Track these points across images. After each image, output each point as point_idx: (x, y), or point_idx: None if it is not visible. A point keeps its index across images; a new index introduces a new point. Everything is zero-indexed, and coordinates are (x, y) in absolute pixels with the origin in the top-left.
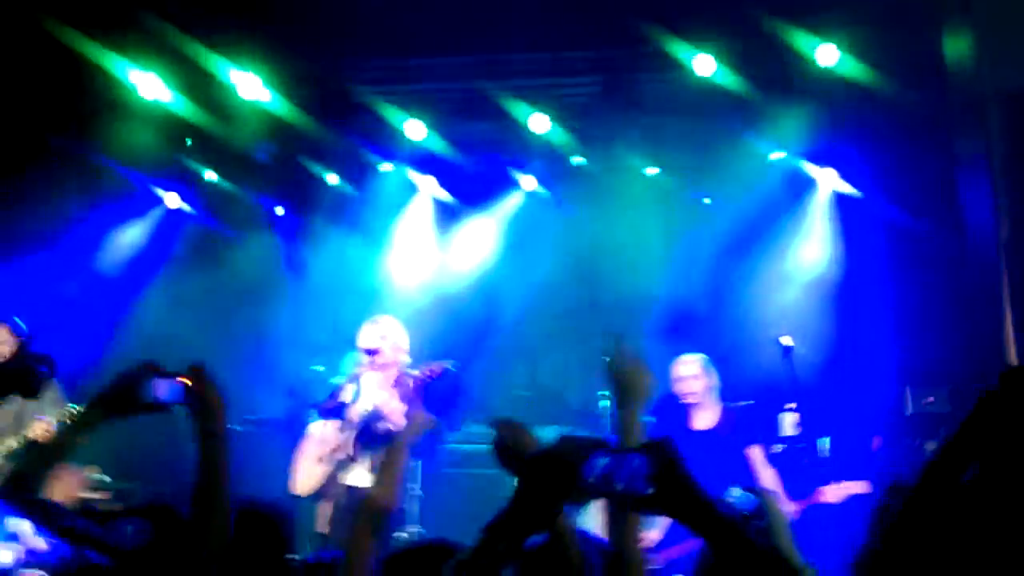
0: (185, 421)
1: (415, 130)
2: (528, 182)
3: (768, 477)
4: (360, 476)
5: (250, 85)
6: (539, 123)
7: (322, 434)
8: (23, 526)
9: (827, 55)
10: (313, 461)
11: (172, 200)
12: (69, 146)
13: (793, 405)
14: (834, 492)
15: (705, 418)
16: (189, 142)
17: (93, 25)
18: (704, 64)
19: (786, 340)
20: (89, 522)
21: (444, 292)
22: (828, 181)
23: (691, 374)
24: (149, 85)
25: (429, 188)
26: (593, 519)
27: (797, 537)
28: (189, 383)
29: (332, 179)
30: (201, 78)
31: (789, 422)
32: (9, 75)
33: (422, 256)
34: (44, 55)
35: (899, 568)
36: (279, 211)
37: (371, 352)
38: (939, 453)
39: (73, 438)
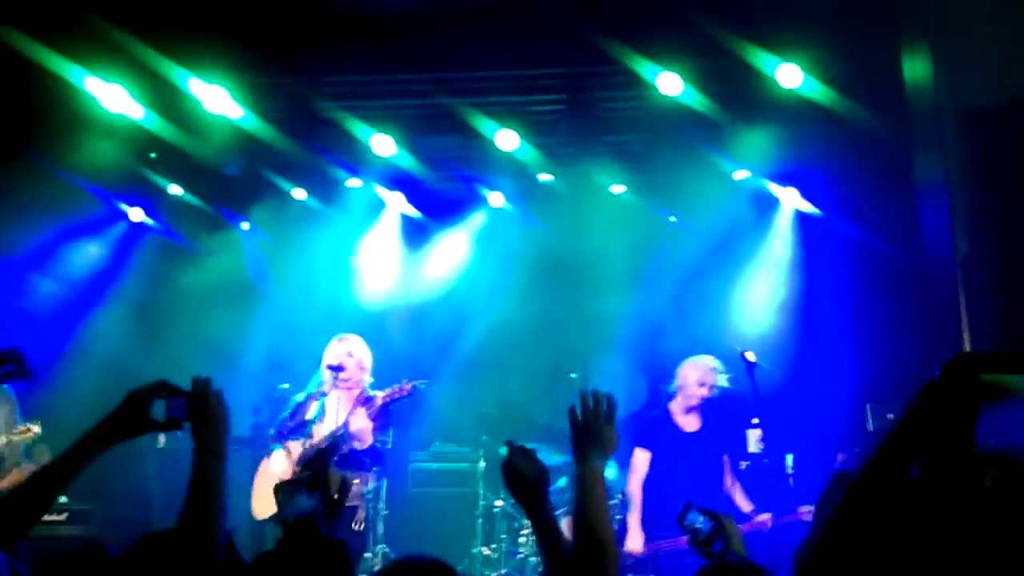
0: (148, 442)
1: (382, 146)
2: (495, 198)
3: (730, 483)
4: None
5: (216, 98)
6: (506, 140)
7: (283, 455)
8: None
9: (789, 76)
10: (271, 485)
11: (136, 214)
12: (31, 159)
13: (756, 421)
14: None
15: (695, 420)
16: (154, 156)
17: (56, 36)
18: (669, 83)
19: (750, 355)
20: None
21: (412, 309)
22: (790, 200)
23: (712, 382)
24: (113, 97)
25: (397, 204)
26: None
27: (752, 555)
28: (193, 398)
29: (299, 194)
30: (167, 91)
31: (753, 438)
32: None
33: (389, 272)
34: (7, 66)
35: (841, 557)
36: (245, 226)
37: (336, 369)
38: (883, 443)
39: (80, 461)
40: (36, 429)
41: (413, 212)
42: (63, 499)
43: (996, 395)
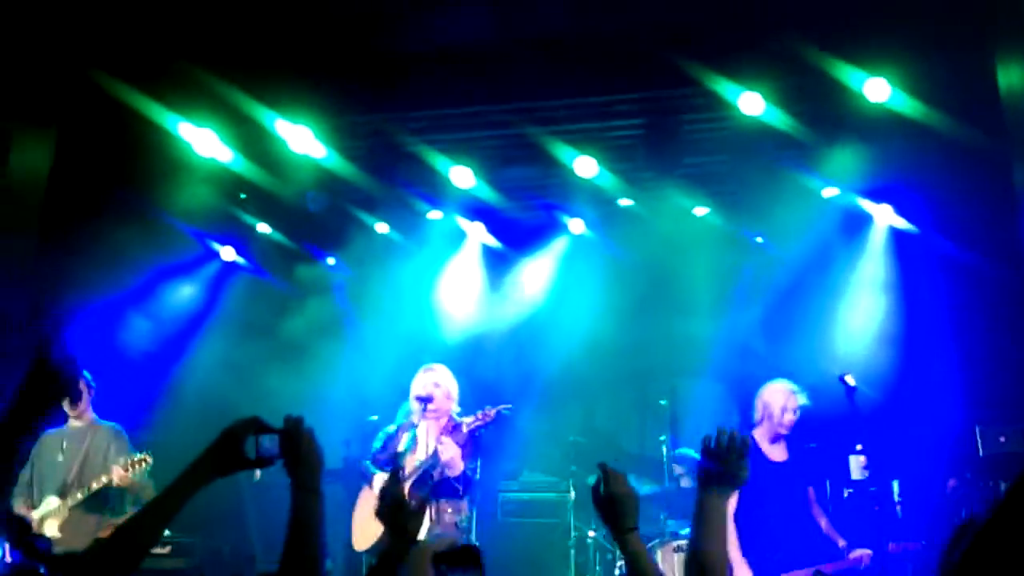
0: (246, 479)
1: (462, 177)
2: (576, 225)
3: (820, 516)
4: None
5: (302, 138)
6: (585, 166)
7: (379, 487)
8: None
9: (877, 90)
10: (371, 515)
11: (227, 253)
12: (128, 201)
13: (860, 447)
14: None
15: (781, 450)
16: (244, 196)
17: (151, 83)
18: (751, 103)
19: (850, 379)
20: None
21: (496, 338)
22: (884, 217)
23: (795, 406)
24: (205, 142)
25: (478, 234)
26: None
27: None
28: (287, 437)
29: (382, 228)
30: (254, 133)
31: (857, 465)
32: (76, 129)
33: (472, 302)
34: (107, 114)
35: None
36: (331, 261)
37: (424, 400)
38: (1012, 490)
39: (180, 497)
40: (149, 459)
41: (494, 242)
42: (167, 532)
43: None
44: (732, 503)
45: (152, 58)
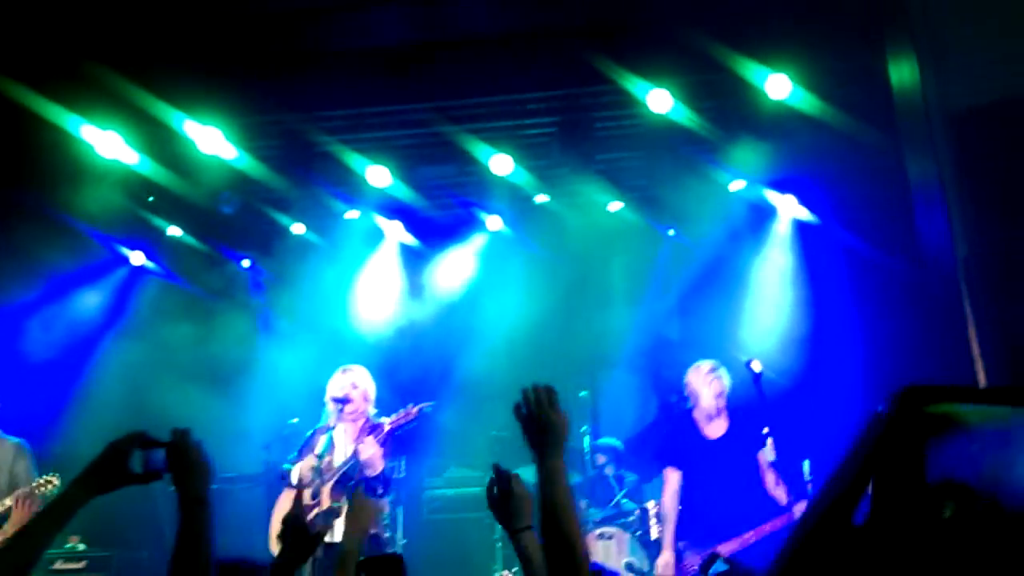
0: (161, 486)
1: (378, 177)
2: (494, 222)
3: (773, 481)
4: (340, 532)
5: (211, 140)
6: (501, 164)
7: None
8: None
9: (778, 87)
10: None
11: (137, 258)
12: (30, 207)
13: (767, 430)
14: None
15: (719, 426)
16: (152, 199)
17: (51, 85)
18: (659, 100)
19: (756, 365)
20: None
21: (415, 336)
22: (788, 209)
23: (720, 388)
24: (109, 144)
25: (395, 233)
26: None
27: None
28: (174, 449)
29: (298, 228)
30: (162, 135)
31: (768, 447)
32: None
33: (391, 301)
34: (2, 115)
35: None
36: (245, 263)
37: (342, 401)
38: (827, 483)
39: (61, 516)
40: (56, 481)
41: (412, 240)
42: (81, 547)
43: (943, 427)
44: (675, 488)
45: (51, 58)
